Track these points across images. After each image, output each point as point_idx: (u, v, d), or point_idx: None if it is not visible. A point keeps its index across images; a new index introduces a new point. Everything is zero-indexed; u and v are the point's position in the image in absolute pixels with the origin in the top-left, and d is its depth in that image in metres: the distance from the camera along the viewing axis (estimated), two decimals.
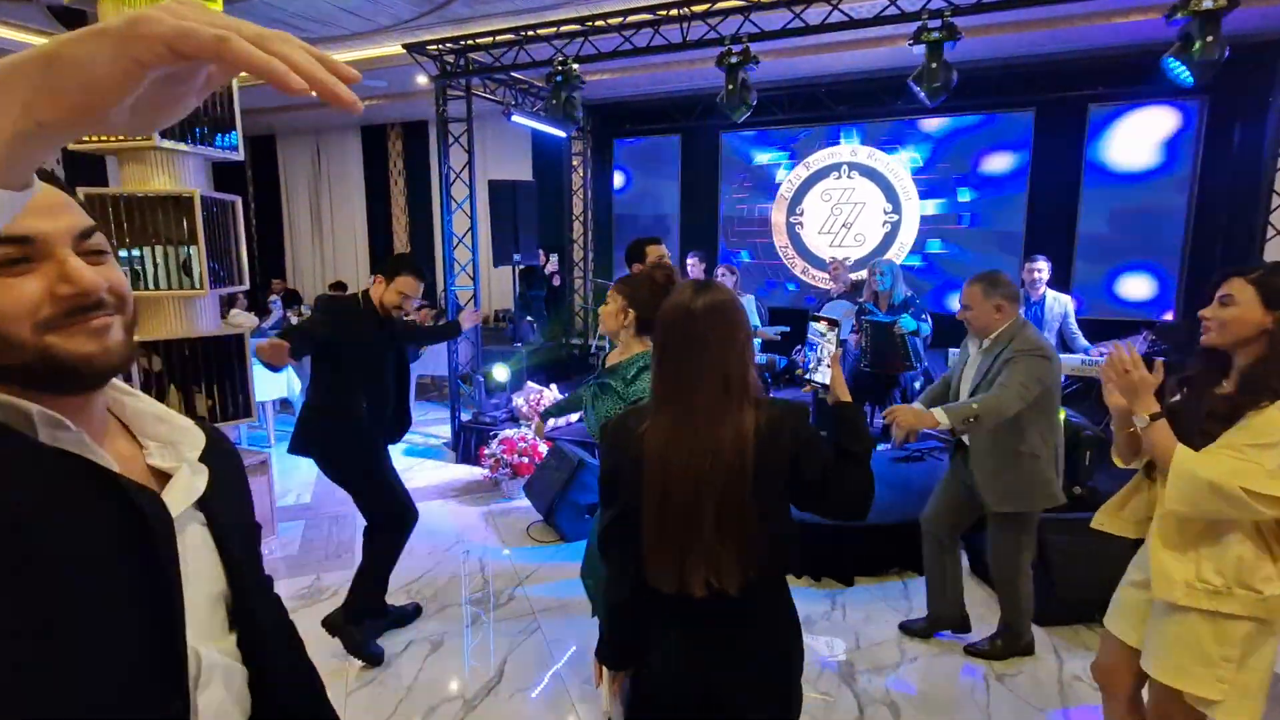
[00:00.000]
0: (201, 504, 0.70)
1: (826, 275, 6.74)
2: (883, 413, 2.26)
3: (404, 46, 5.24)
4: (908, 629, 2.91)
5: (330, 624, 2.71)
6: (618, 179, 7.74)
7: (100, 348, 0.61)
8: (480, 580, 3.44)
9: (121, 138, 3.30)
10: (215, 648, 0.68)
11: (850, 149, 6.52)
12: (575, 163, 7.84)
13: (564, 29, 4.71)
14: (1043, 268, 4.57)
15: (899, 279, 4.63)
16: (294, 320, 6.41)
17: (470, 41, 5.02)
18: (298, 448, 2.70)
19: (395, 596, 3.21)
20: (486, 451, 4.57)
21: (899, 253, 6.38)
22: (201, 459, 0.72)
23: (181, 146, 3.41)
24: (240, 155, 3.74)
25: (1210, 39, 3.30)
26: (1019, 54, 5.62)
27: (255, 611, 0.74)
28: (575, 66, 4.75)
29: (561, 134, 6.85)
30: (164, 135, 3.31)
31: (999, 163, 6.10)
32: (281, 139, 9.51)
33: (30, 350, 0.58)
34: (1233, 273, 1.51)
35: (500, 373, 5.13)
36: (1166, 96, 5.43)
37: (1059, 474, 2.50)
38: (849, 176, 6.56)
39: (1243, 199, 5.05)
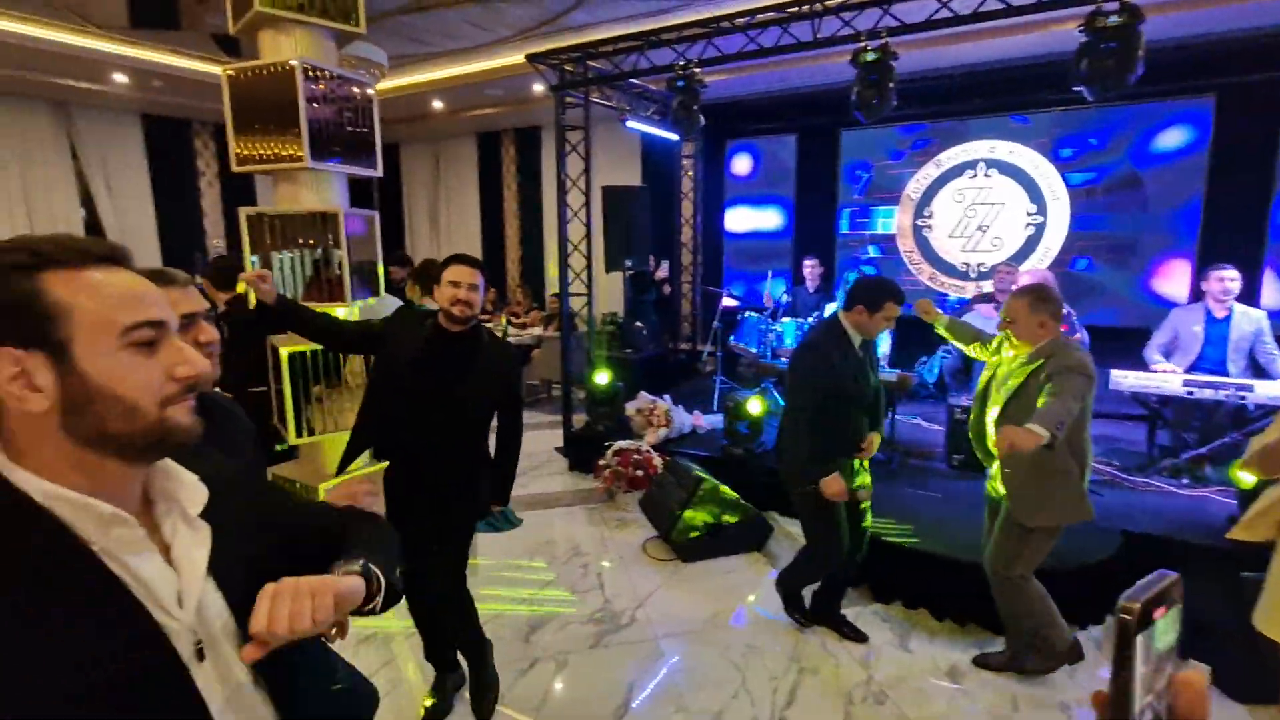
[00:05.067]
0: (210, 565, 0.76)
1: (958, 282, 6.27)
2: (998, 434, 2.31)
3: (526, 57, 5.31)
4: (986, 664, 2.77)
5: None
6: (736, 175, 7.55)
7: (194, 421, 0.73)
8: (600, 598, 3.40)
9: (276, 160, 3.51)
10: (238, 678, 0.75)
11: (989, 145, 5.99)
12: (686, 165, 7.72)
13: (687, 32, 4.59)
14: (1234, 277, 3.97)
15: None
16: None
17: (592, 49, 5.00)
18: None
19: (518, 606, 3.24)
20: (601, 462, 4.55)
21: (1043, 258, 5.80)
22: (204, 514, 0.77)
23: (329, 167, 3.58)
24: (379, 171, 3.89)
25: None
26: (1199, 33, 4.94)
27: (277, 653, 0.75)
28: (698, 71, 4.62)
29: (675, 137, 6.75)
30: (314, 156, 3.48)
31: (1170, 156, 5.40)
32: (405, 147, 10.01)
33: (152, 421, 0.68)
34: None
35: (601, 377, 5.05)
36: None
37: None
38: (986, 175, 6.04)
39: None
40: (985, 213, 6.08)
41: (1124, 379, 3.96)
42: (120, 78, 6.52)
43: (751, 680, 2.74)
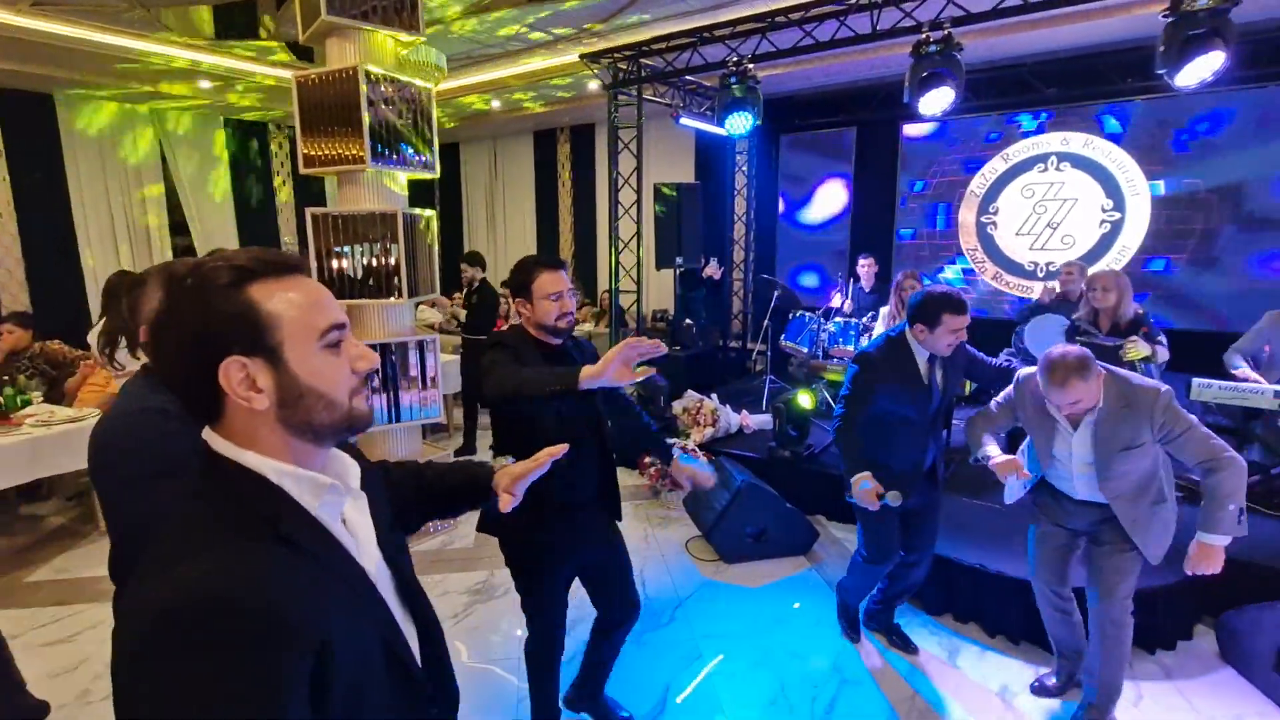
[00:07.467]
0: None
1: (1025, 282, 5.99)
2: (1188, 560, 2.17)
3: (580, 56, 5.35)
4: (1045, 689, 2.66)
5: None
6: (790, 170, 7.42)
7: (370, 408, 0.83)
8: (641, 595, 3.40)
9: (340, 161, 3.66)
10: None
11: (1061, 137, 5.69)
12: (739, 160, 7.63)
13: (741, 28, 4.53)
14: None
15: (1125, 292, 3.93)
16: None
17: (645, 48, 5.00)
18: None
19: None
20: (646, 459, 4.57)
21: (1119, 258, 5.47)
22: (362, 486, 0.90)
23: (389, 170, 3.70)
24: (436, 173, 4.00)
25: None
26: None
27: (416, 591, 0.96)
28: (751, 67, 4.56)
29: (727, 133, 6.68)
30: (374, 157, 3.61)
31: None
32: (464, 145, 10.25)
33: (345, 411, 0.79)
34: None
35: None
36: None
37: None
38: (1058, 169, 5.73)
39: None
40: (1056, 209, 5.77)
41: (1205, 389, 3.69)
42: (206, 84, 6.93)
43: (791, 688, 2.70)
